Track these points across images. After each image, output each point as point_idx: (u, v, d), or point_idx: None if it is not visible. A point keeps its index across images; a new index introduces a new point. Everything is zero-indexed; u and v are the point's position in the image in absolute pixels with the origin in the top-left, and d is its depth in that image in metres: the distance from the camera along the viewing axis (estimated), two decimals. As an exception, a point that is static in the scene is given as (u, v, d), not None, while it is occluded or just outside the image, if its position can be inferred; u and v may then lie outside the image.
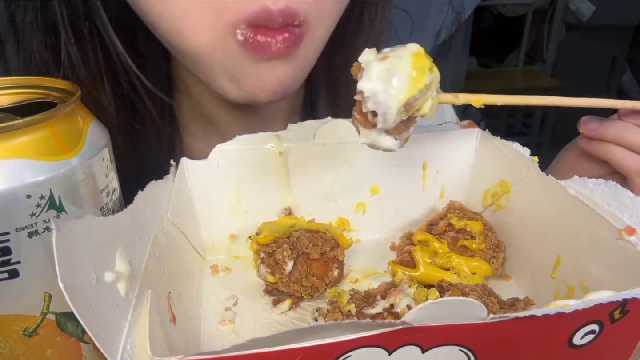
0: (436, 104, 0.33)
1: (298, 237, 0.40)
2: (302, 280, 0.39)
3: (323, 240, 0.40)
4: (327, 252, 0.40)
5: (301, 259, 0.39)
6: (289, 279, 0.39)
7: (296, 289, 0.39)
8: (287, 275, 0.39)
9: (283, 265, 0.38)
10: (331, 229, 0.43)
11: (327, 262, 0.40)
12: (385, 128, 0.32)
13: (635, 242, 0.31)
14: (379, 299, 0.36)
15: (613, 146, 0.43)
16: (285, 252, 0.38)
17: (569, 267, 0.36)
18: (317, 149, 0.44)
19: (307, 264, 0.39)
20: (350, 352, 0.24)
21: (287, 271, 0.39)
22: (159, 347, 0.26)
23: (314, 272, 0.40)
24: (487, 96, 0.35)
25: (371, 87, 0.31)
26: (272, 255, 0.39)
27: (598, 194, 0.35)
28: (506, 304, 0.37)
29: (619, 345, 0.29)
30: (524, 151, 0.42)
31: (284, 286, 0.39)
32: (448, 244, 0.41)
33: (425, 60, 0.32)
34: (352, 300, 0.37)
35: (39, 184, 0.26)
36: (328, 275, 0.40)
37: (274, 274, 0.39)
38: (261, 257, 0.39)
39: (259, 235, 0.40)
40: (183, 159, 0.42)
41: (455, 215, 0.44)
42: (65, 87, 0.30)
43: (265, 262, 0.39)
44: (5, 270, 0.26)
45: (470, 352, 0.26)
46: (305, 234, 0.40)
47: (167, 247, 0.35)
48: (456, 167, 0.48)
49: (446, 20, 1.73)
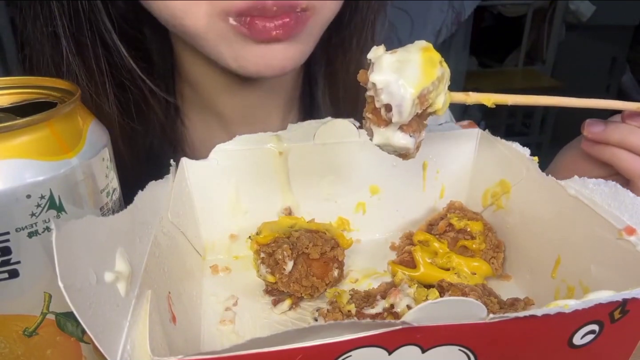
0: (449, 100, 0.33)
1: (298, 237, 0.40)
2: (302, 280, 0.39)
3: (323, 240, 0.40)
4: (327, 252, 0.40)
5: (301, 259, 0.39)
6: (289, 279, 0.39)
7: (296, 289, 0.39)
8: (287, 275, 0.39)
9: (283, 265, 0.38)
10: (331, 229, 0.43)
11: (327, 262, 0.40)
12: (401, 122, 0.31)
13: (635, 242, 0.31)
14: (379, 299, 0.36)
15: (617, 149, 0.42)
16: (285, 252, 0.38)
17: (569, 267, 0.36)
18: (317, 149, 0.44)
19: (307, 264, 0.39)
20: (350, 352, 0.24)
21: (287, 271, 0.38)
22: (159, 347, 0.26)
23: (314, 272, 0.40)
24: (498, 96, 0.35)
25: (383, 79, 0.30)
26: (272, 255, 0.39)
27: (598, 194, 0.34)
28: (506, 304, 0.37)
29: (618, 345, 0.29)
30: (524, 151, 0.42)
31: (284, 286, 0.39)
32: (448, 244, 0.41)
33: (435, 54, 0.31)
34: (352, 300, 0.37)
35: (39, 184, 0.26)
36: (328, 275, 0.40)
37: (274, 274, 0.39)
38: (261, 257, 0.39)
39: (259, 235, 0.40)
40: (183, 159, 0.42)
41: (455, 215, 0.44)
42: (65, 87, 0.30)
43: (265, 262, 0.39)
44: (5, 270, 0.26)
45: (470, 352, 0.26)
46: (305, 234, 0.40)
47: (167, 247, 0.35)
48: (456, 167, 0.48)
49: (446, 20, 1.73)
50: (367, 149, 0.45)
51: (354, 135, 0.44)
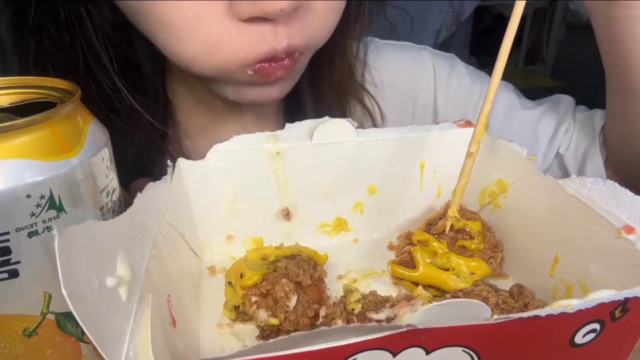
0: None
1: (286, 267, 0.36)
2: (306, 311, 0.35)
3: (306, 264, 0.38)
4: (313, 274, 0.37)
5: (297, 289, 0.36)
6: (295, 316, 0.35)
7: (306, 322, 0.35)
8: (292, 312, 0.35)
9: (286, 302, 0.34)
10: (302, 249, 0.41)
11: (317, 284, 0.38)
12: None
13: (634, 240, 0.31)
14: (388, 307, 0.35)
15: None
16: (287, 287, 0.35)
17: (568, 266, 0.36)
18: (315, 149, 0.44)
19: (304, 293, 0.36)
20: (355, 355, 0.24)
21: (291, 307, 0.35)
22: (161, 352, 0.26)
23: (312, 298, 0.36)
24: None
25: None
26: (268, 294, 0.35)
27: (596, 192, 0.35)
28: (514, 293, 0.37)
29: (618, 343, 0.29)
30: (521, 150, 0.42)
31: (291, 325, 0.35)
32: (447, 243, 0.41)
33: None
34: (360, 301, 0.36)
35: (39, 183, 0.25)
36: (323, 298, 0.38)
37: (276, 314, 0.35)
38: (254, 301, 0.35)
39: (243, 279, 0.36)
40: (180, 159, 0.42)
41: (452, 216, 0.44)
42: (65, 87, 0.30)
43: (261, 305, 0.35)
44: (5, 270, 0.26)
45: (474, 353, 0.26)
46: (290, 262, 0.37)
47: (166, 250, 0.34)
48: (453, 166, 0.47)
49: (446, 20, 1.74)
50: (365, 149, 0.45)
51: (352, 135, 0.44)
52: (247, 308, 0.36)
